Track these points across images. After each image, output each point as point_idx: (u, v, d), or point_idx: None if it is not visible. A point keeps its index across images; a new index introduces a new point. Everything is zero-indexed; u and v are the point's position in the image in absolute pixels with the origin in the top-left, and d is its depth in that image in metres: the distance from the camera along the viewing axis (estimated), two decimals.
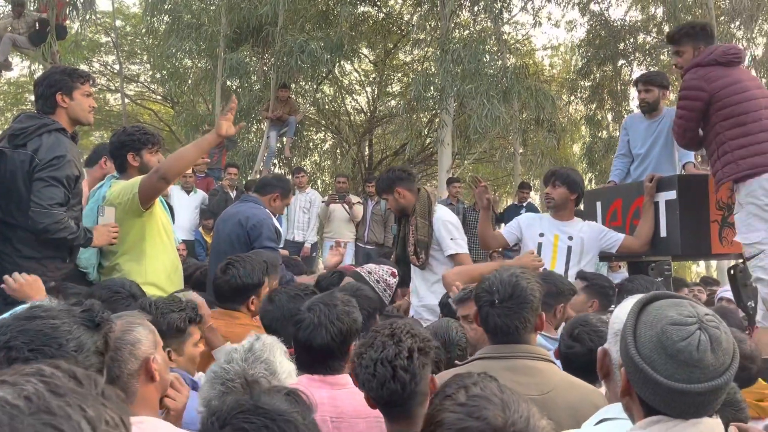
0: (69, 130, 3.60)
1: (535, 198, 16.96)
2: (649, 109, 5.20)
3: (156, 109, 21.45)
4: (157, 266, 3.84)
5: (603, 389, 2.31)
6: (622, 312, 1.83)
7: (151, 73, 19.29)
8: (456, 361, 2.71)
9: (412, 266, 4.71)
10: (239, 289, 3.25)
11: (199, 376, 2.41)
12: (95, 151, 4.86)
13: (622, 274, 6.77)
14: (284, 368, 2.03)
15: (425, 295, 4.61)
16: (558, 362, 2.61)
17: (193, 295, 2.93)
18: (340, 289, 3.07)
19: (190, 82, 15.98)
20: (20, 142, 3.44)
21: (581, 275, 4.19)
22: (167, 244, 3.98)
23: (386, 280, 3.91)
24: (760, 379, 2.98)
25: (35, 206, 3.36)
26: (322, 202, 10.15)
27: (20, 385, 0.74)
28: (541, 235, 4.63)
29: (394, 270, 4.03)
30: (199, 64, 15.20)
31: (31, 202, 3.38)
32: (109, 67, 20.33)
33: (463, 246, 4.64)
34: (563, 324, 3.26)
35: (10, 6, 11.52)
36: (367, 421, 2.21)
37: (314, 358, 2.28)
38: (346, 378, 2.32)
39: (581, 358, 2.53)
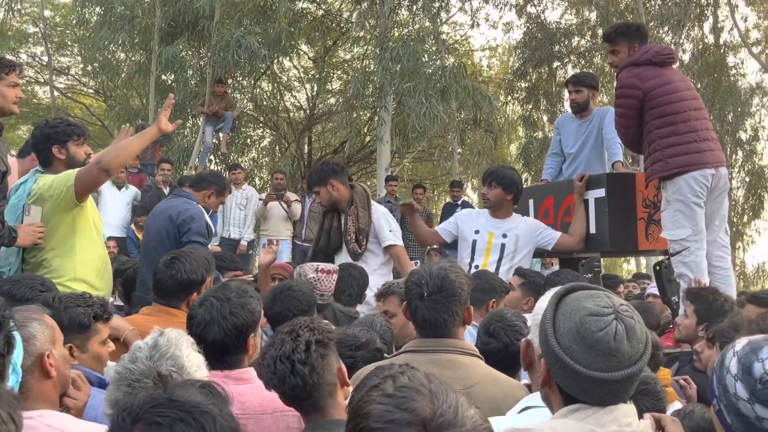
0: None
1: (472, 197, 17.20)
2: (579, 109, 5.33)
3: (87, 103, 20.80)
4: (87, 262, 3.72)
5: (524, 381, 2.36)
6: (543, 304, 1.86)
7: (82, 65, 18.69)
8: (385, 354, 2.72)
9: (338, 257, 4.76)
10: (182, 285, 3.11)
11: None
12: (28, 142, 4.68)
13: (555, 269, 6.91)
14: (192, 362, 1.96)
15: None
16: None
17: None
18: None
19: (123, 75, 15.56)
20: None
21: (519, 272, 4.25)
22: (97, 240, 3.86)
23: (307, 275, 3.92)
24: (662, 368, 3.12)
25: None
26: (260, 199, 10.02)
27: None
28: (477, 232, 4.71)
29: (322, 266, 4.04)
30: (132, 58, 14.79)
31: None
32: (37, 59, 19.61)
33: (400, 238, 4.76)
34: None
35: None
36: (273, 416, 2.19)
37: (209, 354, 2.19)
38: (250, 372, 2.31)
39: (497, 354, 2.57)
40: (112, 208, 8.53)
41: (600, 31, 16.12)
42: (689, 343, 3.70)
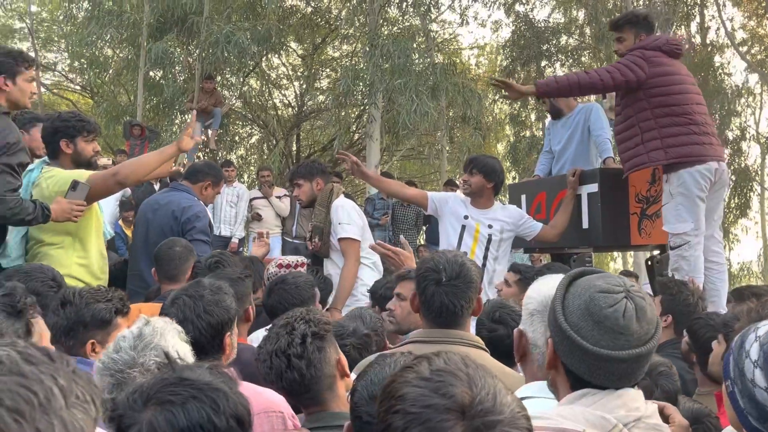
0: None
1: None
2: (556, 115, 5.40)
3: (74, 99, 20.61)
4: (88, 255, 3.72)
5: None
6: (534, 292, 1.87)
7: (69, 61, 18.53)
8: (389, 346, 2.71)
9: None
10: None
11: None
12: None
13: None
14: (179, 351, 1.87)
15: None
16: None
17: None
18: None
19: (111, 71, 15.44)
20: None
21: (515, 268, 4.24)
22: (98, 238, 3.86)
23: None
24: None
25: None
26: (254, 214, 9.98)
27: None
28: (466, 217, 4.59)
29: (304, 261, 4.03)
30: (120, 54, 14.70)
31: None
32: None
33: (350, 231, 4.55)
34: None
35: None
36: (257, 417, 2.11)
37: None
38: (232, 373, 2.26)
39: (506, 340, 2.53)
40: (102, 205, 8.45)
41: (588, 30, 16.23)
42: None
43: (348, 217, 4.58)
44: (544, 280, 1.90)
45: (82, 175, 3.64)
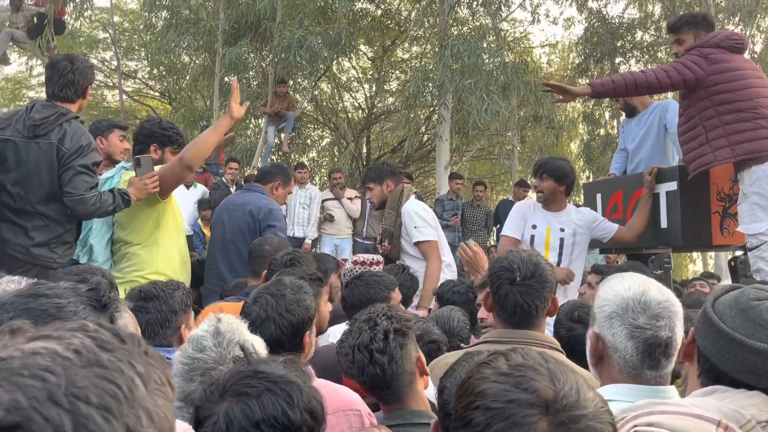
0: None
1: (532, 197, 16.98)
2: (630, 111, 5.27)
3: (153, 105, 21.39)
4: (169, 256, 3.86)
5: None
6: (610, 294, 1.82)
7: (148, 69, 19.23)
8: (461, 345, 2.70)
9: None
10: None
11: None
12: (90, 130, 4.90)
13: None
14: (257, 346, 1.88)
15: None
16: None
17: None
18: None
19: (188, 77, 15.95)
20: (41, 132, 3.49)
21: (596, 269, 4.17)
22: (179, 236, 4.01)
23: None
24: None
25: (69, 196, 3.44)
26: (326, 200, 10.13)
27: (66, 339, 0.70)
28: (534, 227, 4.56)
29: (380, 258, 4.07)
30: (196, 60, 15.15)
31: (65, 191, 3.45)
32: (106, 64, 20.27)
33: (427, 233, 4.60)
34: None
35: (7, 0, 11.47)
36: (336, 415, 2.09)
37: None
38: (309, 371, 2.28)
39: (585, 340, 2.49)
40: (181, 207, 8.73)
41: (664, 25, 15.73)
42: None
43: (421, 220, 4.64)
44: (615, 282, 1.85)
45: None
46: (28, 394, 0.62)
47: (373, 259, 4.01)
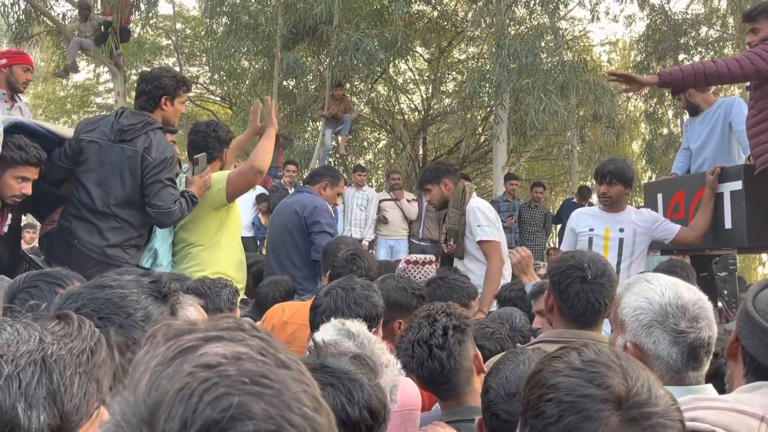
0: None
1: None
2: (692, 110, 5.14)
3: (214, 110, 21.90)
4: (229, 257, 3.98)
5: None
6: (644, 302, 1.79)
7: (209, 74, 19.69)
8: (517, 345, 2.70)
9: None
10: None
11: None
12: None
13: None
14: (384, 357, 1.81)
15: None
16: None
17: None
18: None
19: (247, 82, 16.25)
20: (127, 137, 3.62)
21: (664, 270, 4.08)
22: (238, 239, 4.16)
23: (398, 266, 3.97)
24: None
25: (157, 208, 3.57)
26: (382, 200, 10.20)
27: (244, 341, 0.68)
28: (591, 229, 4.51)
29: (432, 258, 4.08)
30: (255, 65, 15.43)
31: (151, 204, 3.57)
32: None
33: (491, 233, 4.57)
34: None
35: (77, 10, 11.93)
36: (401, 414, 2.07)
37: None
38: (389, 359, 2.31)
39: None
40: (240, 208, 8.99)
41: (731, 20, 15.25)
42: None
43: (486, 219, 4.61)
44: (643, 288, 1.82)
45: (223, 176, 3.92)
46: (269, 403, 0.63)
47: (426, 258, 4.02)
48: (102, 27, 11.27)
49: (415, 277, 3.93)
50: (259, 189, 9.62)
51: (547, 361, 1.11)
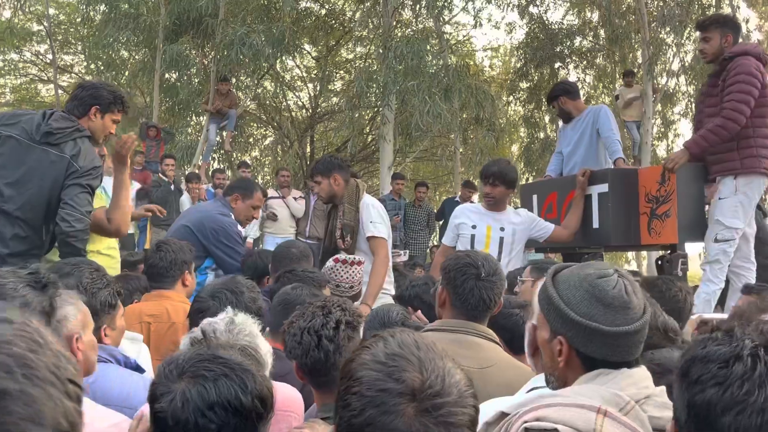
0: None
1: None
2: (566, 117, 5.47)
3: None
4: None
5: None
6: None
7: (86, 63, 18.75)
8: None
9: None
10: (173, 264, 3.29)
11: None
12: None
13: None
14: (265, 348, 1.95)
15: None
16: None
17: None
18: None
19: (126, 73, 15.61)
20: (53, 141, 3.37)
21: (535, 265, 4.28)
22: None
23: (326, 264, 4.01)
24: None
25: (70, 209, 3.30)
26: (269, 214, 10.08)
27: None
28: (474, 227, 4.67)
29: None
30: (136, 56, 14.86)
31: (66, 204, 3.31)
32: (41, 57, 19.69)
33: (381, 230, 4.61)
34: None
35: None
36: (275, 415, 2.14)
37: None
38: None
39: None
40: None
41: (602, 32, 16.21)
42: None
43: (378, 216, 4.65)
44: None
45: (100, 201, 3.80)
46: None
47: (355, 259, 4.05)
48: None
49: (342, 276, 3.95)
50: (136, 186, 9.25)
51: (359, 350, 1.22)
